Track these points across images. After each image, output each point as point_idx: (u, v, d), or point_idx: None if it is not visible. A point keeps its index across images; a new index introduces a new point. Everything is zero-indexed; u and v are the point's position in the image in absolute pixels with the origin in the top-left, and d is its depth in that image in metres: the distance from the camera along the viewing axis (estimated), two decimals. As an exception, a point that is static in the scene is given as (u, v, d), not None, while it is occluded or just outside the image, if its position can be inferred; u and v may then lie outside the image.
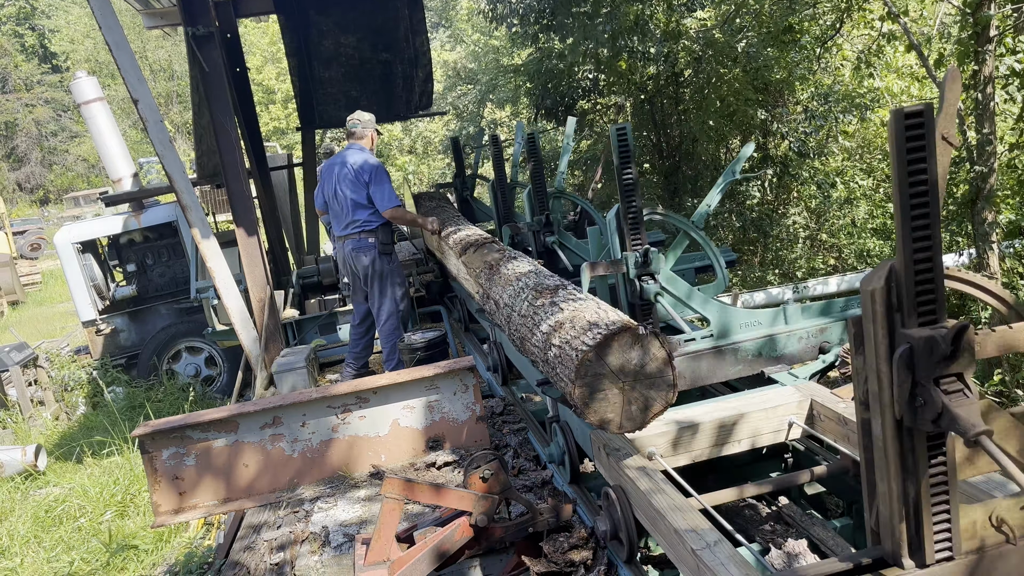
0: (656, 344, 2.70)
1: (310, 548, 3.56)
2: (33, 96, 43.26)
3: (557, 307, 3.17)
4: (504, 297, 3.84)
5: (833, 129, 11.62)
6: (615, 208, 3.59)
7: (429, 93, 11.34)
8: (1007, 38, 7.17)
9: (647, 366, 2.70)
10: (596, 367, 2.66)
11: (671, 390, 2.73)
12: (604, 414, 2.69)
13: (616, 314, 2.89)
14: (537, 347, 3.16)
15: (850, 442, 2.90)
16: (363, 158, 5.89)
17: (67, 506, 7.28)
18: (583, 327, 2.82)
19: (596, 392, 2.68)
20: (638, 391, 2.70)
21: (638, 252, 3.56)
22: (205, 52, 6.48)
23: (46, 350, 12.00)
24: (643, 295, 3.57)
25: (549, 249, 5.64)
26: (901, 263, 1.69)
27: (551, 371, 3.00)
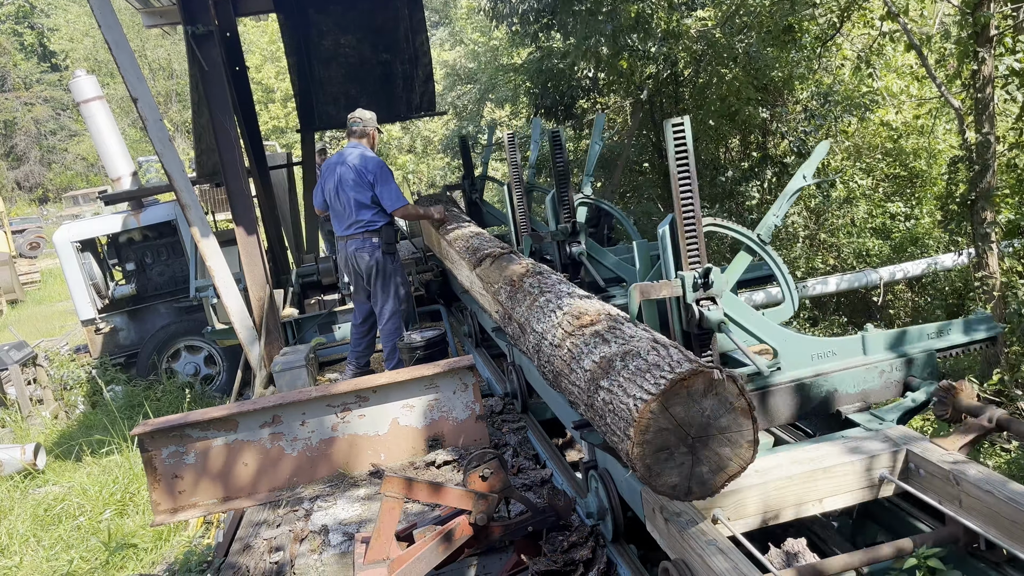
0: (734, 390, 2.25)
1: (310, 547, 3.56)
2: (32, 95, 43.23)
3: (601, 338, 2.71)
4: (531, 321, 3.34)
5: (833, 129, 11.62)
6: (668, 218, 3.03)
7: (430, 94, 11.33)
8: (1007, 38, 7.17)
9: (722, 418, 2.24)
10: (660, 421, 2.21)
11: (751, 447, 2.27)
12: (667, 478, 2.25)
13: (679, 351, 2.43)
14: (578, 387, 2.71)
15: (962, 506, 2.44)
16: (365, 157, 5.86)
17: (66, 505, 7.28)
18: (640, 368, 2.36)
19: (659, 451, 2.23)
20: (711, 449, 2.25)
21: (697, 272, 2.96)
22: (204, 51, 6.48)
23: (45, 349, 12.01)
24: (703, 323, 2.97)
25: (575, 261, 5.11)
26: None
27: (598, 420, 2.55)
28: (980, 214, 7.61)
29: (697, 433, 2.24)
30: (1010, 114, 9.09)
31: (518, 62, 16.39)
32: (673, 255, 3.04)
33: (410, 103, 11.31)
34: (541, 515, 3.20)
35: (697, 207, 2.97)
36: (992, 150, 7.44)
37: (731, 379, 2.24)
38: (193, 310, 10.85)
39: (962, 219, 8.61)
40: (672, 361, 2.32)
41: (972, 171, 7.56)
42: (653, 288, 2.99)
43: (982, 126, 7.49)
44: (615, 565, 3.02)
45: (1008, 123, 8.65)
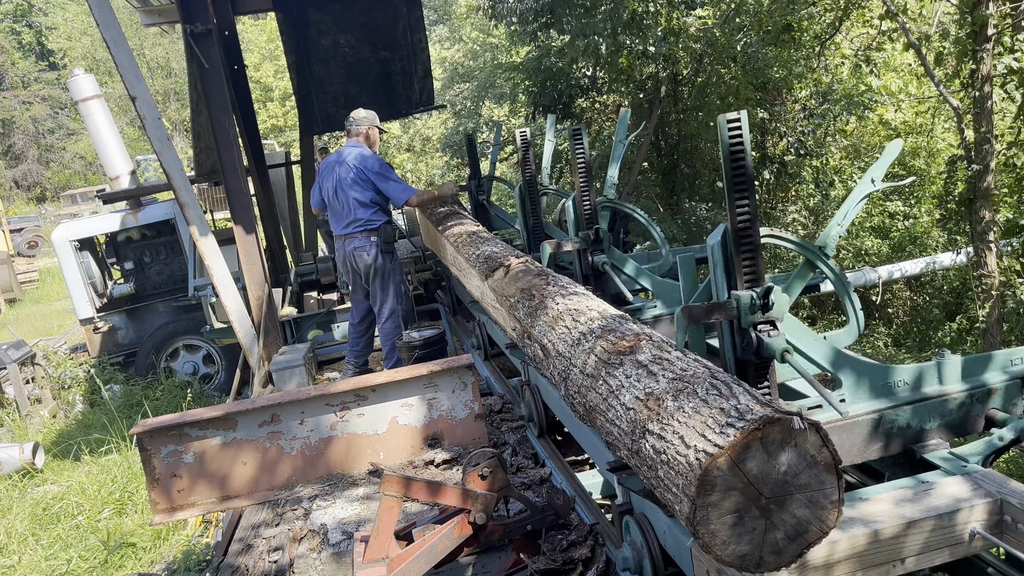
0: (816, 442, 1.89)
1: (309, 546, 3.56)
2: (30, 93, 43.19)
3: (646, 370, 2.33)
4: (556, 343, 2.95)
5: (831, 128, 11.64)
6: (720, 229, 2.62)
7: (429, 90, 11.33)
8: (1005, 37, 7.18)
9: (801, 475, 1.89)
10: (728, 478, 1.85)
11: (835, 509, 1.92)
12: (735, 546, 1.90)
13: (745, 391, 2.05)
14: (618, 428, 2.34)
15: None
16: (364, 156, 5.85)
17: (65, 504, 7.28)
18: (699, 410, 2.01)
19: (726, 515, 1.87)
20: (788, 511, 1.90)
21: (755, 291, 2.57)
22: (203, 49, 6.47)
23: (44, 348, 12.00)
24: (761, 351, 2.59)
25: (597, 272, 4.67)
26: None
27: (646, 470, 2.17)
28: (978, 213, 7.62)
29: (772, 493, 1.88)
30: (1008, 113, 9.09)
31: (517, 60, 16.40)
32: (725, 272, 2.64)
33: (409, 99, 11.31)
34: (540, 514, 3.20)
35: (755, 215, 2.56)
36: (990, 149, 7.45)
37: (814, 428, 1.88)
38: (192, 309, 10.85)
39: (960, 218, 8.62)
40: (740, 404, 1.95)
41: (970, 170, 7.56)
42: (703, 311, 2.60)
43: (980, 125, 7.50)
44: (614, 564, 3.02)
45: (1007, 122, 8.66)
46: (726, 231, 2.59)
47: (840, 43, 11.77)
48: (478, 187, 7.96)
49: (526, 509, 3.20)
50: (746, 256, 2.57)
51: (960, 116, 8.20)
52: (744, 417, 1.88)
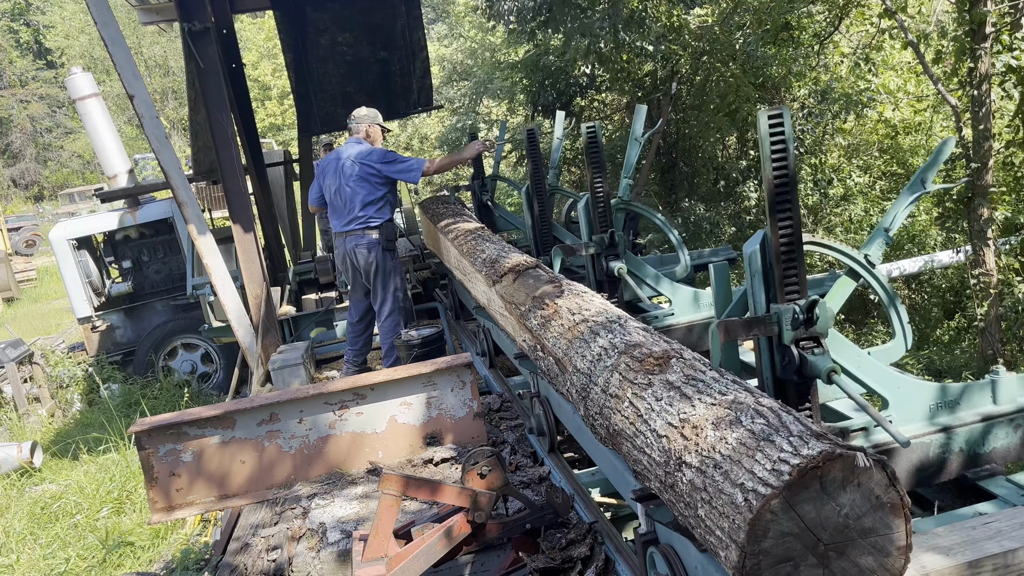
0: (882, 481, 1.66)
1: (307, 545, 3.56)
2: (28, 92, 43.13)
3: (679, 392, 2.10)
4: (573, 357, 2.72)
5: (830, 126, 11.64)
6: (759, 235, 2.40)
7: (428, 90, 11.31)
8: (1003, 35, 7.18)
9: (865, 518, 1.66)
10: (782, 522, 1.62)
11: (903, 556, 1.69)
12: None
13: (794, 419, 1.81)
14: (648, 457, 2.11)
15: None
16: (363, 151, 5.84)
17: (63, 503, 7.27)
18: (744, 443, 1.77)
19: (779, 563, 1.64)
20: (849, 559, 1.67)
21: (798, 305, 2.34)
22: (201, 48, 6.45)
23: (42, 347, 11.98)
24: (804, 370, 2.37)
25: (612, 278, 4.39)
26: None
27: (683, 507, 1.94)
28: (977, 211, 7.63)
29: (832, 539, 1.66)
30: (1007, 111, 9.10)
31: (515, 59, 16.39)
32: (764, 282, 2.42)
33: (408, 99, 11.29)
34: (539, 512, 3.20)
35: (798, 222, 2.32)
36: (988, 147, 7.45)
37: (880, 465, 1.66)
38: (190, 308, 10.84)
39: (959, 216, 8.62)
40: (792, 436, 1.71)
41: (969, 169, 7.57)
42: (742, 326, 2.38)
43: (979, 123, 7.50)
44: (613, 562, 3.02)
45: (1005, 120, 8.67)
46: (765, 238, 2.37)
47: (839, 42, 11.78)
48: (481, 187, 7.72)
49: (525, 508, 3.20)
50: (788, 266, 2.34)
51: (959, 114, 8.21)
52: (800, 452, 1.65)
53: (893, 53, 11.40)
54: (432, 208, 6.89)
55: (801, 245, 2.36)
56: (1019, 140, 7.82)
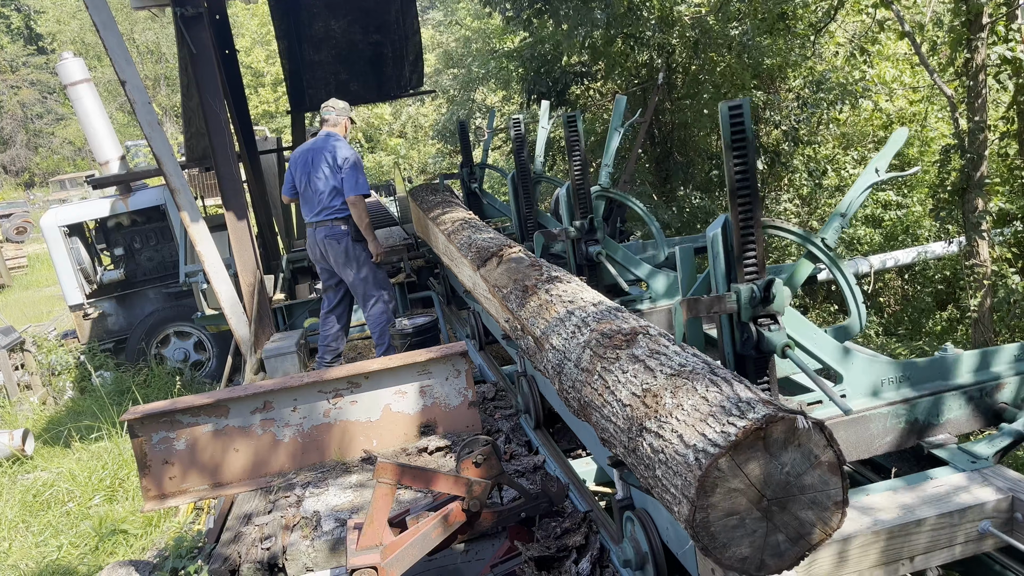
0: (821, 441, 1.84)
1: (301, 533, 3.55)
2: (18, 78, 42.80)
3: (643, 365, 2.24)
4: (549, 336, 2.87)
5: (825, 117, 11.63)
6: (721, 219, 2.57)
7: (420, 71, 11.27)
8: (999, 26, 7.17)
9: (805, 476, 1.83)
10: (729, 480, 1.79)
11: (839, 510, 1.87)
12: (735, 548, 1.84)
13: (745, 387, 1.99)
14: (614, 425, 2.26)
15: None
16: (338, 145, 5.84)
17: (55, 491, 7.25)
18: (697, 408, 1.94)
19: (726, 517, 1.82)
20: (790, 513, 1.84)
21: (756, 284, 2.51)
22: (193, 33, 6.40)
23: (33, 334, 11.92)
24: (761, 345, 2.54)
25: (592, 262, 4.57)
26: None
27: (645, 471, 2.10)
28: (971, 203, 7.63)
29: (774, 494, 1.82)
30: (1001, 103, 9.11)
31: (511, 47, 16.32)
32: (726, 264, 2.58)
33: (399, 81, 11.25)
34: (534, 501, 3.20)
35: (757, 206, 2.47)
36: (984, 138, 7.46)
37: (818, 427, 1.83)
38: (182, 296, 10.80)
39: (953, 207, 8.64)
40: (741, 402, 1.88)
41: (964, 159, 7.57)
42: (704, 304, 2.51)
43: (974, 114, 7.50)
44: (608, 551, 3.02)
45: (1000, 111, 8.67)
46: (727, 222, 2.51)
47: (834, 31, 11.75)
48: (470, 175, 7.82)
49: (520, 496, 3.20)
50: (748, 248, 2.50)
51: (954, 105, 8.20)
52: (746, 416, 1.81)
53: (888, 43, 11.38)
54: (422, 196, 6.98)
55: (760, 228, 2.51)
56: (1013, 131, 7.82)
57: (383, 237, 10.03)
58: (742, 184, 2.46)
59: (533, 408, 4.10)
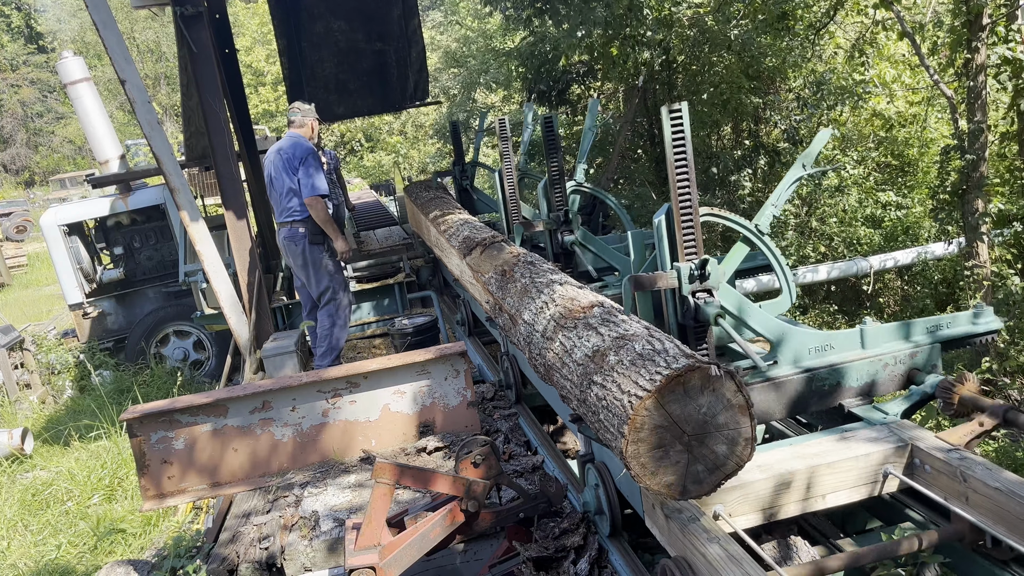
0: (732, 387, 2.19)
1: (300, 533, 3.55)
2: (19, 77, 42.76)
3: (594, 331, 2.62)
4: (522, 312, 3.26)
5: (825, 117, 11.62)
6: (664, 208, 2.99)
7: (425, 83, 11.24)
8: (999, 27, 7.16)
9: (719, 416, 2.19)
10: (655, 418, 2.15)
11: (748, 445, 2.23)
12: (662, 476, 2.19)
13: (674, 345, 2.36)
14: (570, 381, 2.63)
15: (969, 502, 2.39)
16: (296, 145, 5.77)
17: (54, 490, 7.25)
18: (635, 362, 2.28)
19: (654, 449, 2.16)
20: (707, 447, 2.20)
21: (693, 263, 2.93)
22: (194, 32, 6.39)
23: (32, 333, 11.92)
24: (698, 315, 2.94)
25: (567, 250, 5.08)
26: None
27: (592, 416, 2.48)
28: (971, 203, 7.63)
29: (693, 431, 2.18)
30: (1001, 103, 9.10)
31: (511, 46, 16.31)
32: (669, 246, 3.00)
33: (404, 92, 11.23)
34: (532, 501, 3.20)
35: (694, 196, 2.91)
36: (984, 139, 7.45)
37: (729, 375, 2.19)
38: (182, 295, 10.79)
39: (953, 208, 8.63)
40: (668, 356, 2.25)
41: (964, 160, 7.56)
42: (648, 280, 2.94)
43: (974, 115, 7.49)
44: (607, 551, 3.02)
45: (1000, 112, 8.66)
46: (669, 210, 2.96)
47: (834, 32, 11.74)
48: (462, 172, 8.27)
49: (518, 497, 3.19)
50: (687, 232, 2.94)
51: (954, 106, 8.20)
52: (670, 366, 2.17)
53: (889, 44, 11.36)
54: (416, 192, 7.51)
55: (697, 215, 2.93)
56: (1013, 132, 7.82)
57: (383, 236, 10.05)
58: (681, 177, 2.89)
59: (514, 383, 4.65)
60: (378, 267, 8.10)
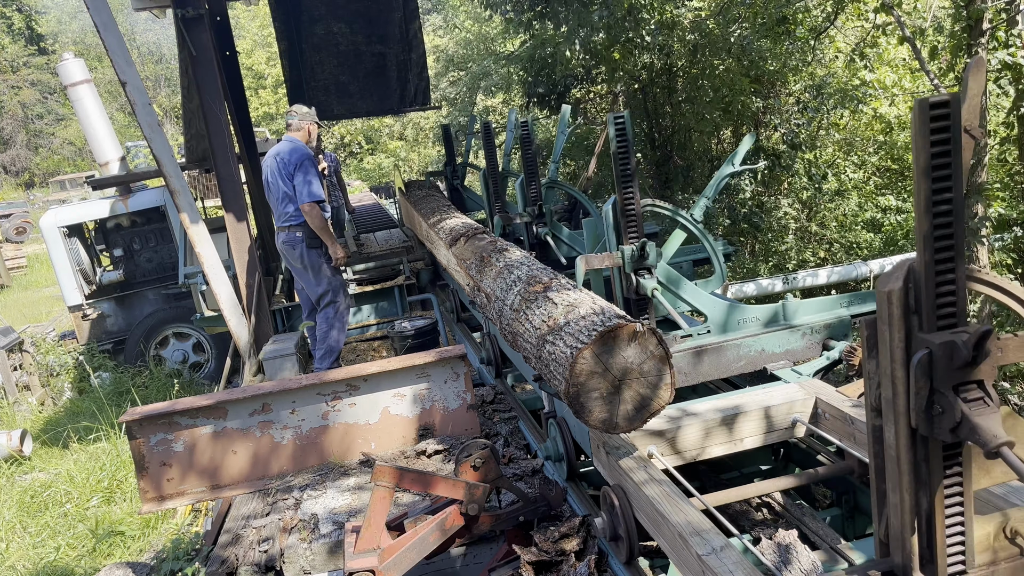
0: (654, 341, 2.62)
1: (299, 536, 3.54)
2: (19, 78, 42.76)
3: (550, 301, 3.08)
4: (495, 290, 3.73)
5: (825, 121, 11.62)
6: (611, 200, 3.53)
7: (425, 87, 11.26)
8: (1000, 31, 7.17)
9: (644, 364, 2.62)
10: (591, 366, 2.57)
11: (668, 389, 2.66)
12: (600, 413, 2.62)
13: (612, 310, 2.79)
14: (530, 343, 3.08)
15: (856, 442, 2.82)
16: (292, 149, 5.74)
17: (53, 492, 7.24)
18: (577, 323, 2.74)
19: (591, 391, 2.60)
20: (635, 390, 2.62)
21: (635, 245, 3.47)
22: (194, 35, 6.40)
23: (32, 335, 11.92)
24: (639, 290, 3.50)
25: (541, 241, 5.58)
26: (921, 263, 1.58)
27: (545, 368, 2.91)
28: (971, 208, 7.63)
29: (622, 376, 2.61)
30: (1002, 108, 9.10)
31: (511, 50, 16.32)
32: (615, 231, 3.56)
33: (404, 96, 11.25)
34: (532, 505, 3.19)
35: (636, 190, 3.50)
36: (984, 144, 7.45)
37: (651, 331, 2.63)
38: (181, 297, 10.79)
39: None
40: (604, 316, 2.70)
41: (964, 165, 7.56)
42: (597, 259, 3.52)
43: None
44: (607, 555, 3.01)
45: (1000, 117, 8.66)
46: (615, 201, 3.53)
47: (835, 36, 11.75)
48: (452, 172, 8.90)
49: (518, 500, 3.19)
50: (629, 219, 3.52)
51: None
52: (604, 324, 2.61)
53: (889, 48, 11.37)
54: (410, 191, 8.17)
55: (639, 205, 3.53)
56: (1014, 137, 7.82)
57: (383, 239, 10.05)
58: (624, 174, 3.48)
59: (494, 360, 5.21)
60: (378, 270, 8.10)
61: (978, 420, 1.54)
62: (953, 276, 1.59)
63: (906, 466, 1.68)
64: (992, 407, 1.58)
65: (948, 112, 1.50)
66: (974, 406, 1.56)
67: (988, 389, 1.59)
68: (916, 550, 1.73)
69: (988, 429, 1.53)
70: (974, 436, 1.55)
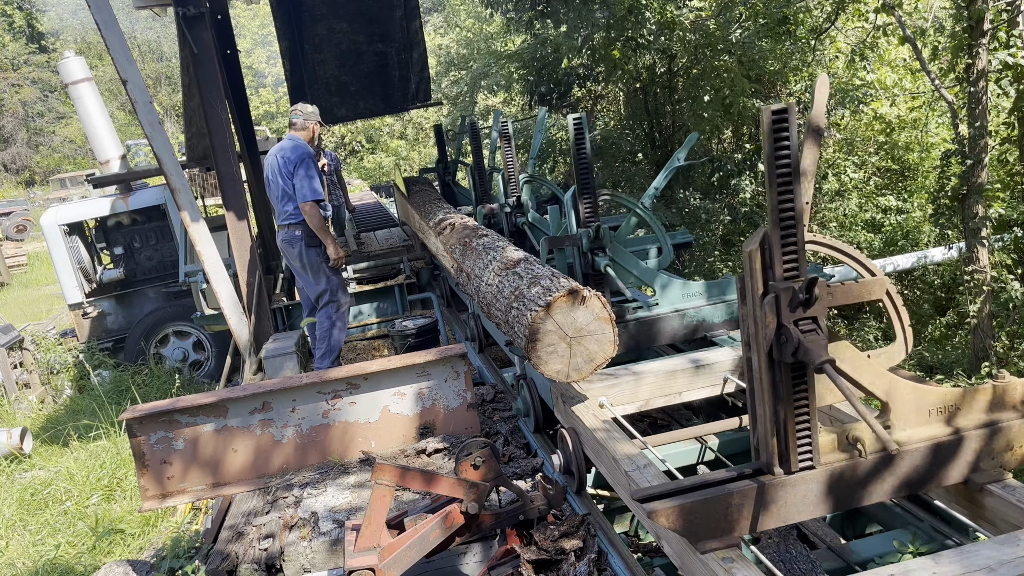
0: (598, 304, 3.13)
1: (299, 534, 3.55)
2: (20, 76, 42.73)
3: (518, 276, 3.60)
4: (475, 270, 4.27)
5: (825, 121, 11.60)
6: (572, 189, 4.16)
7: (426, 84, 11.27)
8: (1000, 32, 7.16)
9: (590, 324, 3.14)
10: (547, 325, 3.11)
11: (613, 346, 3.16)
12: (553, 365, 3.14)
13: (566, 280, 3.28)
14: (500, 311, 3.61)
15: None
16: (294, 148, 5.73)
17: (53, 489, 7.24)
18: (537, 292, 3.26)
19: (547, 346, 3.13)
20: (583, 345, 3.14)
21: (591, 229, 4.11)
22: (195, 33, 6.40)
23: (32, 333, 11.92)
24: (595, 267, 4.11)
25: (520, 229, 6.19)
26: (772, 228, 2.07)
27: (511, 330, 3.44)
28: (971, 208, 7.62)
29: (574, 334, 3.14)
30: (1002, 109, 9.09)
31: (512, 49, 16.32)
32: (575, 216, 4.21)
33: (405, 93, 11.26)
34: (532, 504, 3.19)
35: (592, 181, 4.15)
36: (984, 144, 7.45)
37: (597, 297, 3.14)
38: (182, 295, 10.79)
39: (953, 213, 8.62)
40: (559, 285, 3.22)
41: (964, 165, 7.56)
42: (558, 240, 4.23)
43: (975, 120, 7.50)
44: (606, 554, 3.02)
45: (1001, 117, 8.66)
46: (574, 191, 4.20)
47: (835, 37, 11.75)
48: (444, 170, 9.49)
49: (518, 499, 3.19)
50: (587, 207, 4.20)
51: (955, 111, 8.20)
52: (557, 291, 3.15)
53: (889, 49, 11.36)
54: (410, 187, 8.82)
55: (594, 195, 4.19)
56: (1014, 137, 7.81)
57: (383, 238, 10.05)
58: (581, 167, 4.14)
59: (477, 337, 5.82)
60: (378, 269, 8.10)
61: (809, 344, 2.04)
62: (795, 239, 2.09)
63: (766, 385, 2.17)
64: (821, 336, 2.07)
65: (786, 116, 2.06)
66: (808, 336, 2.06)
67: (820, 323, 2.10)
68: (776, 451, 2.23)
69: (815, 351, 2.02)
70: (807, 356, 2.04)
